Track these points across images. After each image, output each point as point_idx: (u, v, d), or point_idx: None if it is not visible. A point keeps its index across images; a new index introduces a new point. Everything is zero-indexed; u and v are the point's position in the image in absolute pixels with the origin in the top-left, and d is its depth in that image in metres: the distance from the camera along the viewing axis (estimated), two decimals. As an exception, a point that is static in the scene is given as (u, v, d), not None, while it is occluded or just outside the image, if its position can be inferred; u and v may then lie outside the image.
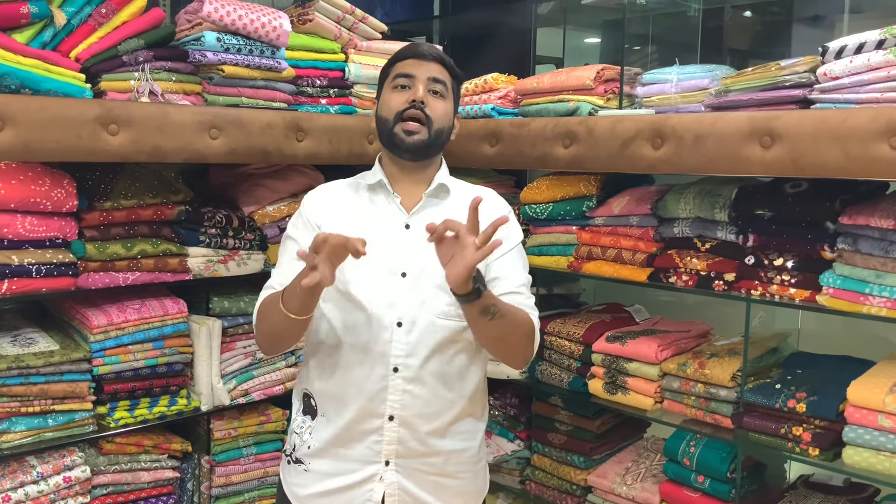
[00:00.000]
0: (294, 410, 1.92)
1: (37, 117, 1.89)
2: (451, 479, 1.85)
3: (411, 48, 1.86)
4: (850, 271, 1.91)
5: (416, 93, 1.78)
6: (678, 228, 2.27)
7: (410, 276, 1.77)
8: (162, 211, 2.31)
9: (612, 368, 2.40)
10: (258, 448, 2.59)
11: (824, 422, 1.96)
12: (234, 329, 2.51)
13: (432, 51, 1.84)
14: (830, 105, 1.87)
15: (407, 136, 1.77)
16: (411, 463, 1.80)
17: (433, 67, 1.82)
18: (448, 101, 1.84)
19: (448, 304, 1.76)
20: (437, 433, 1.80)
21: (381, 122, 1.84)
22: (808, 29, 3.03)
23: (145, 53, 2.16)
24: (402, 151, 1.80)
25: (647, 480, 2.44)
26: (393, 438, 1.77)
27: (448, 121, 1.84)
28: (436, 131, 1.80)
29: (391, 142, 1.81)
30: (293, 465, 1.88)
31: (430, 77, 1.80)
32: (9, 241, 2.05)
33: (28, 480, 2.09)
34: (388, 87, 1.85)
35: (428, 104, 1.79)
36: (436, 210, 1.84)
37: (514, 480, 2.79)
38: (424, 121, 1.78)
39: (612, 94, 2.44)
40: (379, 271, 1.76)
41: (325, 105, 2.58)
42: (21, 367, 2.06)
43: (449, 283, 1.59)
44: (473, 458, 1.90)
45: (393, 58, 1.87)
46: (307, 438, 1.84)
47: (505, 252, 1.84)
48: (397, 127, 1.78)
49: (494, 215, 1.80)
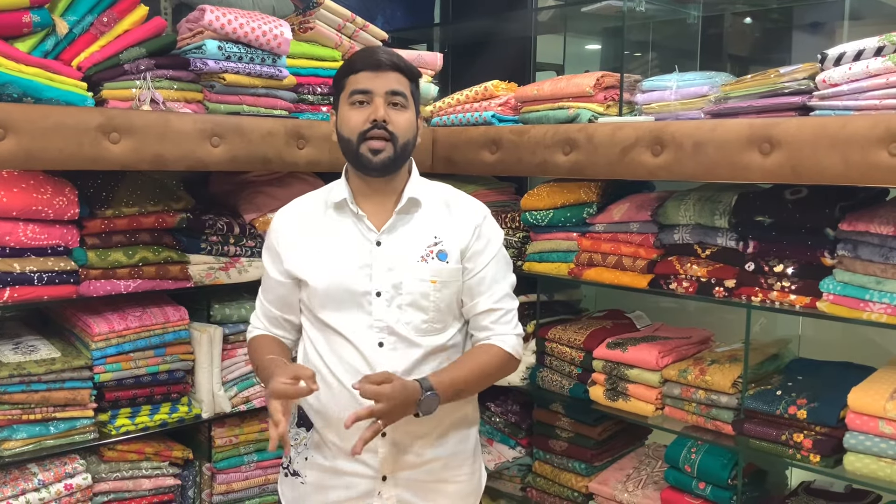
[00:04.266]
0: (291, 422, 1.90)
1: (39, 126, 1.90)
2: (448, 483, 1.86)
3: (364, 58, 1.77)
4: (851, 278, 1.91)
5: (376, 111, 1.72)
6: (678, 235, 2.27)
7: (385, 295, 1.75)
8: (163, 218, 2.32)
9: (613, 375, 2.40)
10: (259, 455, 2.59)
11: (825, 428, 1.95)
12: (234, 336, 2.51)
13: (387, 59, 1.75)
14: (829, 112, 1.87)
15: (373, 155, 1.73)
16: (408, 474, 1.80)
17: (390, 78, 1.75)
18: (409, 109, 1.78)
19: (425, 321, 1.77)
20: (431, 443, 1.81)
21: (343, 142, 1.78)
22: (808, 36, 3.03)
23: (147, 62, 2.17)
24: (370, 170, 1.76)
25: (649, 487, 2.43)
26: (387, 455, 1.76)
27: (412, 130, 1.79)
28: (401, 146, 1.76)
29: (358, 162, 1.76)
30: (290, 477, 1.87)
31: (388, 90, 1.74)
32: (11, 248, 2.06)
33: (29, 488, 2.09)
34: (344, 103, 1.77)
35: (390, 120, 1.73)
36: (407, 226, 1.81)
37: (516, 487, 2.79)
38: (389, 137, 1.73)
39: (612, 101, 2.45)
40: (354, 293, 1.75)
41: (326, 113, 2.58)
42: (23, 375, 2.07)
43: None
44: (469, 459, 1.91)
45: (346, 69, 1.79)
46: (302, 450, 1.84)
47: (486, 263, 1.84)
48: (363, 147, 1.73)
49: (467, 219, 1.84)
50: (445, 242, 1.81)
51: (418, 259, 1.78)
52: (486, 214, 1.90)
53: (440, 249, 1.79)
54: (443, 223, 1.83)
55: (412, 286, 1.75)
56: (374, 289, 1.75)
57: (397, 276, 1.75)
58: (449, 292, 1.80)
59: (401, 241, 1.79)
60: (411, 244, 1.79)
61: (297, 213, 1.87)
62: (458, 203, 1.89)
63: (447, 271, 1.79)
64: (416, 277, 1.76)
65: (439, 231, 1.81)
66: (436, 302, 1.78)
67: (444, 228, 1.82)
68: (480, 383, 1.83)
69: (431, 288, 1.77)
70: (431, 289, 1.77)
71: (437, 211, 1.84)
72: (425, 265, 1.77)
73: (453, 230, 1.82)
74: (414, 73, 1.81)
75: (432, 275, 1.77)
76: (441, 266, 1.78)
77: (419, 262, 1.77)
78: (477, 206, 1.90)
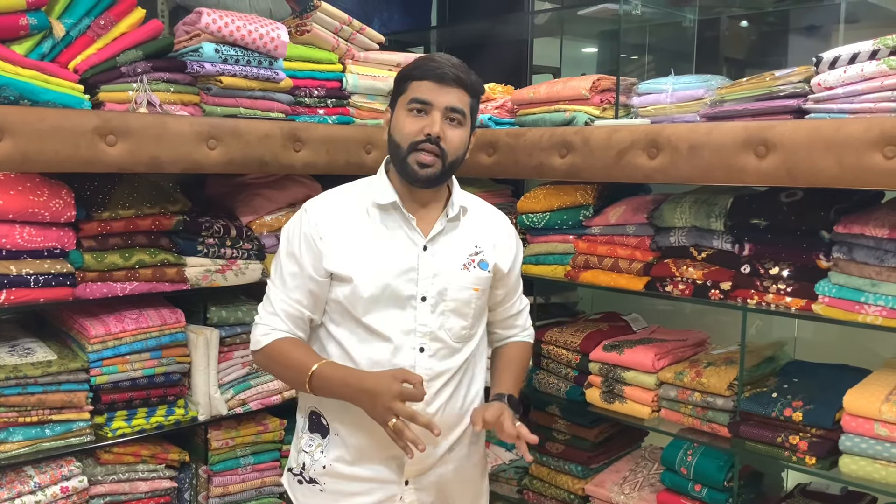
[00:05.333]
0: (299, 427, 1.88)
1: (35, 128, 1.89)
2: (465, 483, 1.88)
3: (432, 68, 1.71)
4: (846, 280, 1.91)
5: (432, 126, 1.69)
6: (674, 238, 2.28)
7: (430, 301, 1.75)
8: (160, 221, 2.32)
9: (610, 377, 2.40)
10: (256, 458, 2.58)
11: (821, 430, 1.96)
12: (231, 339, 2.51)
13: (453, 73, 1.71)
14: (824, 115, 1.88)
15: (420, 168, 1.71)
16: (428, 477, 1.80)
17: (452, 94, 1.71)
18: (465, 127, 1.76)
19: (464, 328, 1.81)
20: (451, 444, 1.82)
21: (393, 146, 1.75)
22: (803, 39, 3.04)
23: (144, 64, 2.17)
24: (414, 181, 1.74)
25: (645, 489, 2.44)
26: (415, 460, 1.73)
27: (463, 147, 1.77)
28: (450, 163, 1.74)
29: (404, 170, 1.74)
30: (307, 484, 1.83)
31: (448, 106, 1.70)
32: (7, 251, 2.06)
33: (25, 490, 2.08)
34: (402, 106, 1.74)
35: (444, 136, 1.70)
36: (452, 233, 1.82)
37: (512, 490, 2.79)
38: (439, 153, 1.71)
39: (608, 104, 2.45)
40: (399, 297, 1.73)
41: (323, 115, 2.59)
42: (19, 378, 2.06)
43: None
44: (482, 459, 1.95)
45: (410, 72, 1.74)
46: (319, 457, 1.80)
47: (517, 274, 1.95)
48: (411, 157, 1.71)
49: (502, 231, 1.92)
50: (486, 253, 1.84)
51: (461, 267, 1.80)
52: (510, 224, 1.97)
53: (481, 259, 1.83)
54: (481, 233, 1.86)
55: (456, 293, 1.77)
56: (420, 294, 1.74)
57: (442, 282, 1.76)
58: (485, 299, 1.86)
59: (446, 248, 1.80)
60: (455, 252, 1.80)
61: (338, 210, 1.80)
62: (493, 215, 1.94)
63: (486, 280, 1.83)
64: (460, 285, 1.78)
65: (479, 240, 1.85)
66: (475, 309, 1.81)
67: (483, 238, 1.86)
68: (524, 373, 2.02)
69: (474, 296, 1.80)
70: (474, 297, 1.80)
71: (477, 221, 1.88)
72: (468, 273, 1.80)
73: (493, 241, 1.87)
74: (477, 90, 1.78)
75: (475, 283, 1.80)
76: (482, 275, 1.82)
77: (462, 270, 1.79)
78: (503, 217, 1.96)
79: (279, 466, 2.63)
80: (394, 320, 1.73)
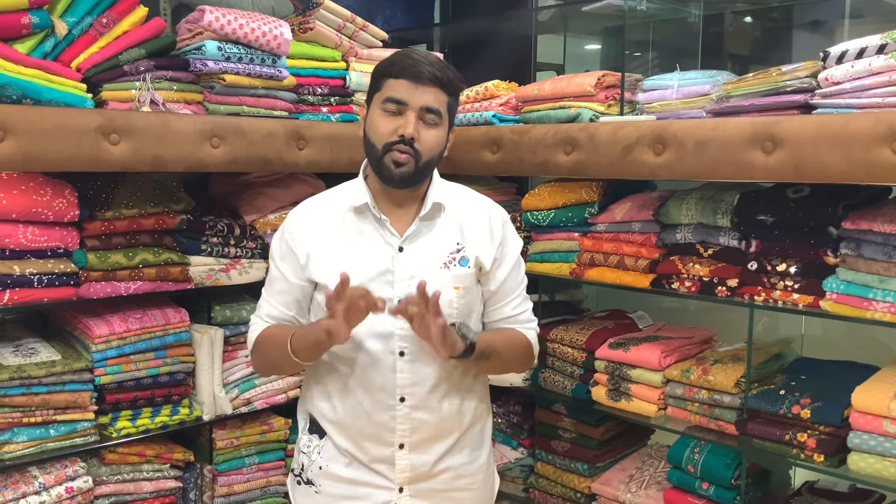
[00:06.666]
0: (300, 428, 1.89)
1: (38, 127, 1.89)
2: (464, 491, 1.84)
3: (407, 67, 1.68)
4: (854, 276, 1.90)
5: (406, 127, 1.67)
6: (680, 234, 2.27)
7: None
8: (163, 220, 2.31)
9: (616, 375, 2.39)
10: (261, 457, 2.58)
11: (829, 428, 1.95)
12: (235, 338, 2.50)
13: (429, 72, 1.68)
14: (832, 110, 1.87)
15: (395, 166, 1.69)
16: (425, 485, 1.78)
17: (428, 94, 1.68)
18: (441, 127, 1.73)
19: None
20: (447, 452, 1.79)
21: (368, 145, 1.74)
22: (809, 34, 3.03)
23: (146, 63, 2.16)
24: (389, 181, 1.72)
25: (652, 488, 2.43)
26: (405, 466, 1.74)
27: (439, 147, 1.75)
28: (424, 162, 1.71)
29: (379, 171, 1.72)
30: (304, 486, 1.83)
31: (423, 107, 1.68)
32: (10, 251, 2.05)
33: (30, 491, 2.08)
34: (377, 104, 1.72)
35: (418, 137, 1.68)
36: (430, 232, 1.78)
37: (518, 488, 2.78)
38: (413, 154, 1.69)
39: (614, 100, 2.44)
40: None
41: (327, 113, 2.58)
42: (23, 378, 2.06)
43: (440, 357, 1.65)
44: (483, 466, 1.89)
45: (386, 69, 1.72)
46: (316, 458, 1.80)
47: (508, 272, 1.84)
48: (386, 157, 1.69)
49: (488, 226, 1.82)
50: (468, 248, 1.78)
51: (441, 266, 1.75)
52: (506, 220, 1.88)
53: (462, 256, 1.78)
54: (464, 228, 1.80)
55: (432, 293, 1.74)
56: (396, 296, 1.70)
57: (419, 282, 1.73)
58: (470, 297, 1.78)
59: (423, 247, 1.76)
60: (434, 250, 1.76)
61: (315, 215, 1.80)
62: (479, 207, 1.86)
63: (468, 276, 1.77)
64: (439, 284, 1.69)
65: (461, 236, 1.79)
66: (459, 308, 1.75)
67: (466, 234, 1.80)
68: (511, 355, 1.84)
69: (455, 294, 1.74)
70: (455, 295, 1.74)
71: (459, 216, 1.81)
72: (447, 272, 1.74)
73: (475, 236, 1.80)
74: (455, 88, 1.75)
75: (455, 281, 1.75)
76: (464, 272, 1.76)
77: (441, 269, 1.74)
78: (497, 211, 1.88)
79: (284, 466, 2.62)
80: (371, 325, 1.68)
